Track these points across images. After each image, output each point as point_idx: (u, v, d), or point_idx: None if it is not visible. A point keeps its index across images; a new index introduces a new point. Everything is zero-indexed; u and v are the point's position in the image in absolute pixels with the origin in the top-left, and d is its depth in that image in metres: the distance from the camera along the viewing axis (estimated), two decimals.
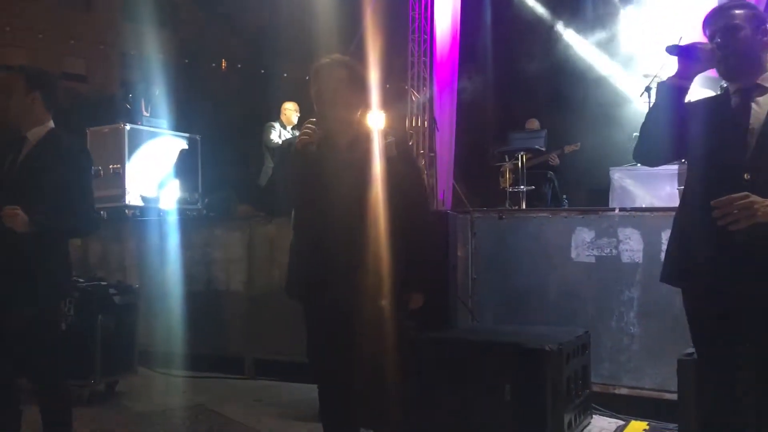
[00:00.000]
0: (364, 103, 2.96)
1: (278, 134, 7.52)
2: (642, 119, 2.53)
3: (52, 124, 3.15)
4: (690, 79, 2.43)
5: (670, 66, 2.46)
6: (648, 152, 2.54)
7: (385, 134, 2.93)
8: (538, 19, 10.49)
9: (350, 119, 2.89)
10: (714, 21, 2.42)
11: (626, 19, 9.11)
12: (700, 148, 2.41)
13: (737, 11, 2.40)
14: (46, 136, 3.09)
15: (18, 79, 3.10)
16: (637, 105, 6.98)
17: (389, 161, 2.84)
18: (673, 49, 2.40)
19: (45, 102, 3.12)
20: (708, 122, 2.41)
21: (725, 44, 2.38)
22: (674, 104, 2.43)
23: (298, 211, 2.98)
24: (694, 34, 2.55)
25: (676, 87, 2.42)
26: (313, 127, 2.79)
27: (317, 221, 2.81)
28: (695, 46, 2.37)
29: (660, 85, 2.48)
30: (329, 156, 2.82)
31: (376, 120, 3.07)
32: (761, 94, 2.37)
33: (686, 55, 2.39)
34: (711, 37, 2.42)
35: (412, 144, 7.91)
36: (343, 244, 2.74)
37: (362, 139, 2.87)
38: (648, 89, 6.32)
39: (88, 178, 3.18)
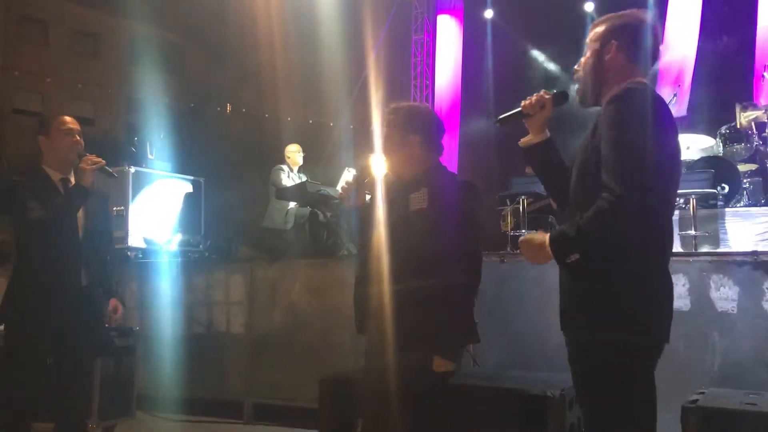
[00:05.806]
0: (417, 147, 2.79)
1: (287, 176, 7.58)
2: None
3: None
4: (540, 132, 2.39)
5: None
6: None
7: (416, 185, 2.77)
8: (539, 66, 10.67)
9: (403, 166, 2.83)
10: None
11: None
12: None
13: (590, 33, 2.26)
14: None
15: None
16: None
17: (418, 213, 2.71)
18: (501, 122, 2.47)
19: None
20: None
21: (574, 72, 2.31)
22: (542, 160, 2.40)
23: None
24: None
25: (532, 144, 2.39)
26: (350, 181, 2.87)
27: (364, 270, 2.88)
28: (515, 111, 2.38)
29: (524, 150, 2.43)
30: (378, 207, 2.84)
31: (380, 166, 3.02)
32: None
33: (510, 120, 2.41)
34: None
35: None
36: (378, 299, 2.74)
37: (405, 188, 2.79)
38: None
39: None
